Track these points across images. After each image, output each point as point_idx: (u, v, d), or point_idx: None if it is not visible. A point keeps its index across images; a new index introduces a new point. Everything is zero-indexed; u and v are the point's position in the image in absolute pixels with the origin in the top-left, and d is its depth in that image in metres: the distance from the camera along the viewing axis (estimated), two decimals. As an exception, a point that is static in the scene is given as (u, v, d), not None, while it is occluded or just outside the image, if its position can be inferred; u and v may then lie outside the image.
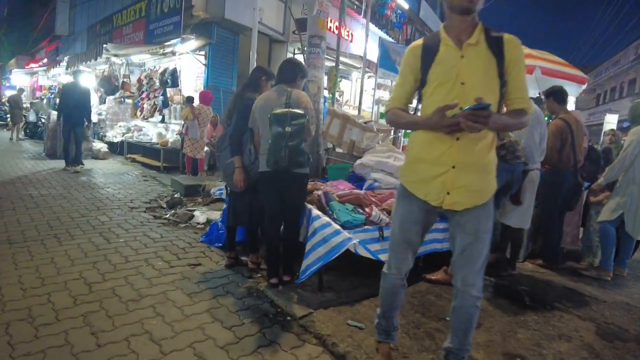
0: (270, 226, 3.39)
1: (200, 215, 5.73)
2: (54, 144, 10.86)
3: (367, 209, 3.70)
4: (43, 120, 14.81)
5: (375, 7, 14.92)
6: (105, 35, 12.90)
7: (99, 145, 10.91)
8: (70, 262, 3.66)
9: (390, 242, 2.19)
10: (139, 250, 4.12)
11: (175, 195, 6.91)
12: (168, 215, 5.75)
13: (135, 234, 4.65)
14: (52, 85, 19.25)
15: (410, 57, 2.01)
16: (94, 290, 3.13)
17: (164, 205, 6.39)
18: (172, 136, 9.45)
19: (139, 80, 10.88)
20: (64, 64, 11.74)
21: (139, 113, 11.04)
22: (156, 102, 10.01)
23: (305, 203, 3.49)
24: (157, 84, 9.78)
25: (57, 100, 16.92)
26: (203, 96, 8.17)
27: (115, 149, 11.23)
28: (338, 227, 3.15)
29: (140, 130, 11.05)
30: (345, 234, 3.08)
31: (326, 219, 3.23)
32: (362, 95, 8.86)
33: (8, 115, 17.58)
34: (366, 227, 3.44)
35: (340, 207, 3.55)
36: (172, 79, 9.28)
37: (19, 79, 22.28)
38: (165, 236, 4.69)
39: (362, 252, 3.08)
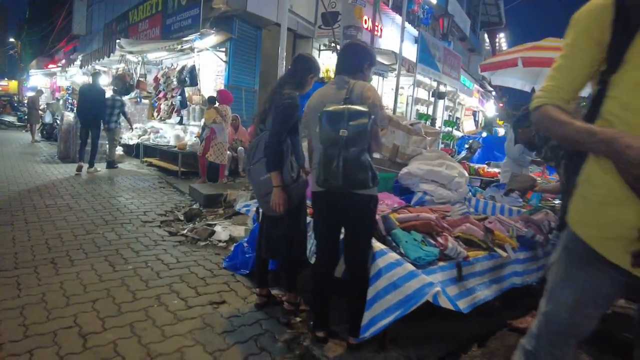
0: (321, 265, 2.60)
1: (222, 232, 5.00)
2: (67, 147, 10.31)
3: (439, 239, 2.89)
4: (59, 122, 14.37)
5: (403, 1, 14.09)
6: (121, 32, 12.35)
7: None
8: (64, 299, 2.94)
9: (546, 328, 1.38)
10: (150, 281, 3.39)
11: (194, 206, 6.20)
12: (186, 231, 5.03)
13: (147, 258, 3.93)
14: (68, 86, 18.88)
15: (592, 23, 1.21)
16: (88, 347, 2.39)
17: (181, 218, 5.68)
18: (190, 139, 8.77)
19: (156, 80, 10.24)
20: (77, 63, 11.19)
21: (155, 114, 10.40)
22: (174, 103, 9.34)
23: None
24: (175, 83, 9.10)
25: (74, 102, 16.56)
26: (224, 96, 7.47)
27: (131, 151, 10.61)
28: (412, 267, 2.35)
29: (157, 132, 10.42)
30: (424, 277, 2.28)
31: (395, 255, 2.44)
32: (397, 94, 8.04)
33: (27, 117, 17.29)
34: (441, 263, 2.63)
35: (407, 237, 2.74)
36: (190, 77, 8.59)
37: (37, 80, 22.04)
38: (182, 260, 3.95)
39: (444, 301, 2.28)
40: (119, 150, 10.17)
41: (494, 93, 22.76)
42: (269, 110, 2.76)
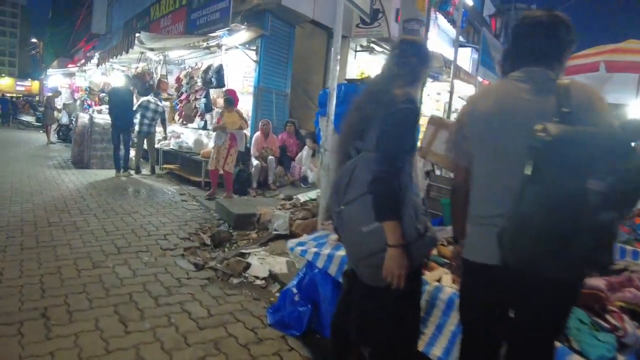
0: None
1: (259, 266, 4.05)
2: (81, 151, 9.52)
3: (610, 317, 1.90)
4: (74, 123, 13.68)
5: (438, 3, 13.08)
6: (142, 29, 11.54)
7: (132, 153, 9.47)
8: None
9: None
10: (174, 351, 2.45)
11: (222, 228, 5.27)
12: (214, 263, 4.10)
13: (170, 308, 2.99)
14: (87, 87, 18.26)
15: None
16: None
17: (208, 242, 4.76)
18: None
19: (178, 80, 9.41)
20: (94, 61, 10.42)
21: (177, 117, 9.55)
22: (197, 106, 8.48)
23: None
24: (199, 83, 8.24)
25: (91, 102, 15.90)
26: (236, 97, 6.79)
27: (148, 157, 9.76)
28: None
29: (178, 137, 9.56)
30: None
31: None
32: (451, 98, 7.03)
33: (42, 117, 16.72)
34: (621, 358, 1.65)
35: (573, 320, 1.76)
36: (217, 77, 7.71)
37: (57, 80, 21.50)
38: (215, 312, 3.01)
39: None
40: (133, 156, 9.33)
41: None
42: (372, 118, 1.78)
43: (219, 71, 7.76)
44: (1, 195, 5.92)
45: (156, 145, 9.17)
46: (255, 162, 7.39)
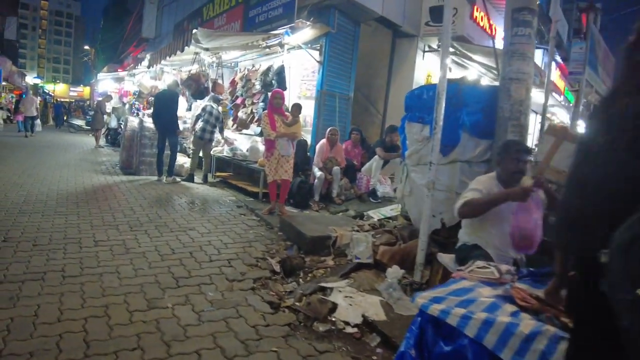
0: None
1: (348, 307, 3.22)
2: (130, 156, 9.04)
3: None
4: (123, 127, 13.42)
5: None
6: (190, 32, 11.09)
7: (181, 159, 8.92)
8: None
9: None
10: None
11: (291, 251, 4.48)
12: (292, 301, 3.30)
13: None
14: (135, 90, 18.16)
15: None
16: None
17: (278, 269, 3.98)
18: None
19: (233, 83, 8.81)
20: (145, 62, 10.00)
21: (231, 122, 8.93)
22: (254, 110, 7.81)
23: None
24: (258, 86, 7.57)
25: (140, 106, 15.67)
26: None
27: (201, 164, 9.17)
28: None
29: (232, 143, 8.93)
30: None
31: None
32: (547, 101, 5.97)
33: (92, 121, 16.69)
34: None
35: None
36: (278, 79, 7.01)
37: (107, 84, 21.68)
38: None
39: None
40: (187, 163, 8.75)
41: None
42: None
43: (280, 73, 7.05)
44: (47, 206, 5.38)
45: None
46: (318, 172, 6.61)
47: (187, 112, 9.85)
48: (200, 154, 8.31)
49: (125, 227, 4.75)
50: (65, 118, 27.23)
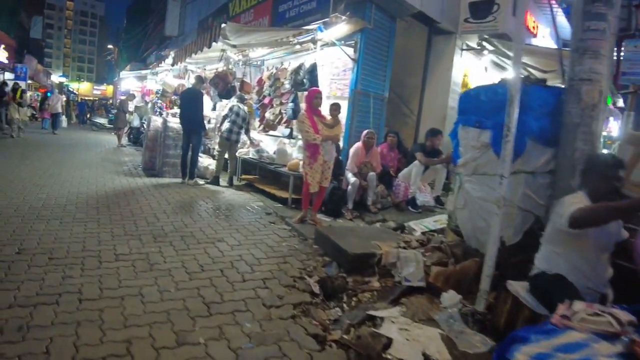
0: None
1: (405, 343, 2.75)
2: (153, 157, 8.73)
3: None
4: (145, 126, 13.18)
5: None
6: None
7: (205, 161, 8.56)
8: None
9: None
10: None
11: (330, 269, 4.02)
12: (339, 334, 2.84)
13: None
14: (158, 89, 17.97)
15: None
16: None
17: (317, 291, 3.53)
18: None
19: (260, 82, 8.38)
20: (169, 60, 9.66)
21: (257, 123, 8.52)
22: (283, 111, 7.38)
23: None
24: (287, 86, 7.13)
25: (163, 105, 15.43)
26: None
27: (226, 166, 8.79)
28: None
29: (258, 145, 8.53)
30: None
31: None
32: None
33: (114, 120, 16.57)
34: None
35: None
36: (310, 78, 6.56)
37: (129, 83, 21.61)
38: None
39: None
40: (212, 165, 8.38)
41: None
42: None
43: (313, 71, 6.60)
44: (65, 211, 5.04)
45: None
46: (352, 178, 6.14)
47: (212, 112, 9.49)
48: (226, 156, 7.93)
49: (149, 237, 4.36)
50: (88, 116, 27.37)
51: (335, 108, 5.52)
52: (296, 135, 7.65)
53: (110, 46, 53.90)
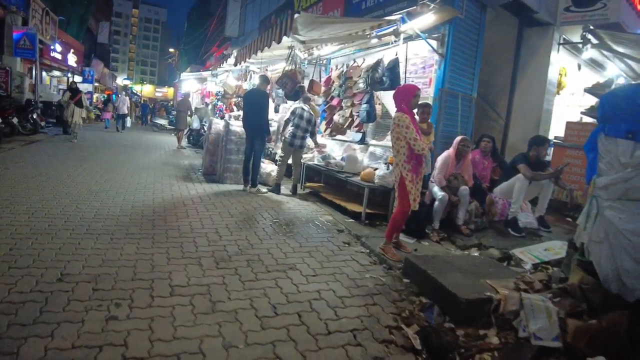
0: None
1: None
2: (213, 161, 8.23)
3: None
4: (206, 129, 12.85)
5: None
6: (284, 25, 10.10)
7: (268, 167, 7.93)
8: None
9: None
10: None
11: (431, 317, 3.16)
12: None
13: None
14: (218, 91, 17.77)
15: None
16: None
17: (419, 346, 2.69)
18: (383, 168, 5.84)
19: (327, 82, 7.63)
20: (231, 60, 9.14)
21: (323, 127, 7.78)
22: (355, 113, 6.58)
23: None
24: (361, 85, 6.31)
25: (223, 107, 15.10)
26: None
27: (289, 172, 8.11)
28: None
29: (323, 151, 7.80)
30: None
31: None
32: None
33: (174, 121, 16.51)
34: None
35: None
36: (391, 76, 5.70)
37: (189, 85, 21.68)
38: None
39: None
40: (274, 171, 7.74)
41: None
42: None
43: (394, 67, 5.75)
44: (118, 223, 4.50)
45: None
46: (440, 193, 5.23)
47: (275, 115, 8.87)
48: (289, 161, 7.26)
49: (210, 261, 3.69)
50: (149, 117, 28.00)
51: (427, 111, 4.66)
52: (368, 140, 6.84)
53: (171, 50, 55.52)
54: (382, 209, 5.87)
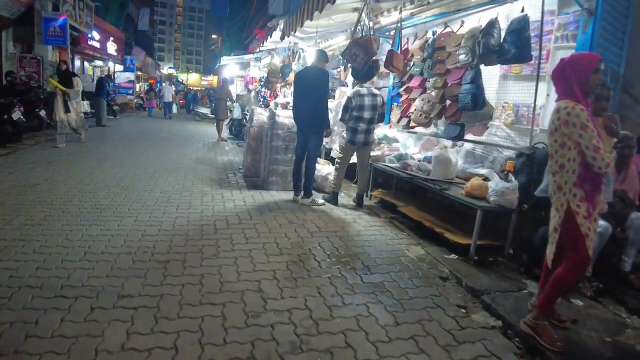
0: None
1: None
2: (256, 161, 6.65)
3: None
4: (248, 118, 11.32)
5: None
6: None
7: (324, 168, 6.24)
8: None
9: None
10: None
11: None
12: None
13: None
14: (262, 77, 16.19)
15: None
16: None
17: None
18: (495, 177, 3.99)
19: (405, 54, 5.75)
20: (277, 33, 7.42)
21: (396, 116, 5.92)
22: (451, 96, 4.70)
23: None
24: (463, 58, 4.36)
25: (267, 93, 13.48)
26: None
27: (350, 174, 6.34)
28: None
29: (394, 147, 6.02)
30: None
31: None
32: None
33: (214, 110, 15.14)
34: None
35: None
36: (518, 42, 3.76)
37: (231, 70, 20.19)
38: None
39: None
40: (331, 174, 6.06)
41: None
42: None
43: (522, 30, 3.84)
44: (112, 274, 2.93)
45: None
46: (602, 223, 3.33)
47: (330, 102, 7.13)
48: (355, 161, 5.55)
49: (262, 355, 2.04)
50: (191, 107, 27.10)
51: (606, 95, 2.80)
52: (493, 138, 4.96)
53: (214, 36, 54.74)
54: (493, 235, 4.05)
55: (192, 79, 67.64)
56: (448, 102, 4.95)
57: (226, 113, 12.41)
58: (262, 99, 13.34)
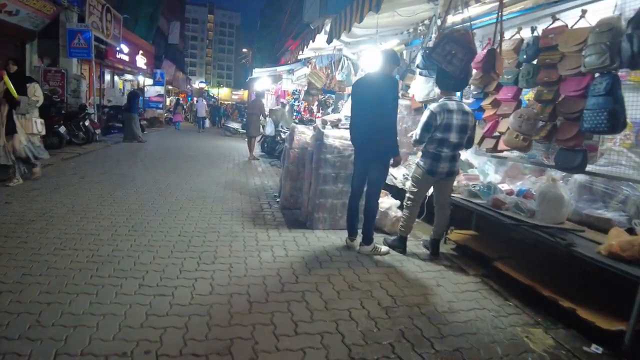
0: None
1: None
2: (296, 189, 5.47)
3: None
4: (283, 135, 10.18)
5: None
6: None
7: (386, 202, 4.96)
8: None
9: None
10: None
11: None
12: None
13: None
14: (295, 90, 15.14)
15: None
16: None
17: None
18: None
19: (487, 56, 4.44)
20: (320, 37, 6.26)
21: (478, 134, 4.60)
22: (568, 113, 3.38)
23: None
24: (593, 60, 3.02)
25: (300, 107, 12.38)
26: None
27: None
28: None
29: (471, 175, 4.72)
30: None
31: None
32: None
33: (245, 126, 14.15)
34: None
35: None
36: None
37: (262, 84, 19.23)
38: None
39: None
40: (394, 208, 4.79)
41: None
42: None
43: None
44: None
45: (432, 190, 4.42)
46: None
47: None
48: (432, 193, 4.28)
49: None
50: (222, 122, 26.45)
51: None
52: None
53: (244, 50, 54.61)
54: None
55: (223, 93, 67.98)
56: (559, 120, 3.63)
57: (259, 129, 11.34)
58: (297, 113, 12.24)
